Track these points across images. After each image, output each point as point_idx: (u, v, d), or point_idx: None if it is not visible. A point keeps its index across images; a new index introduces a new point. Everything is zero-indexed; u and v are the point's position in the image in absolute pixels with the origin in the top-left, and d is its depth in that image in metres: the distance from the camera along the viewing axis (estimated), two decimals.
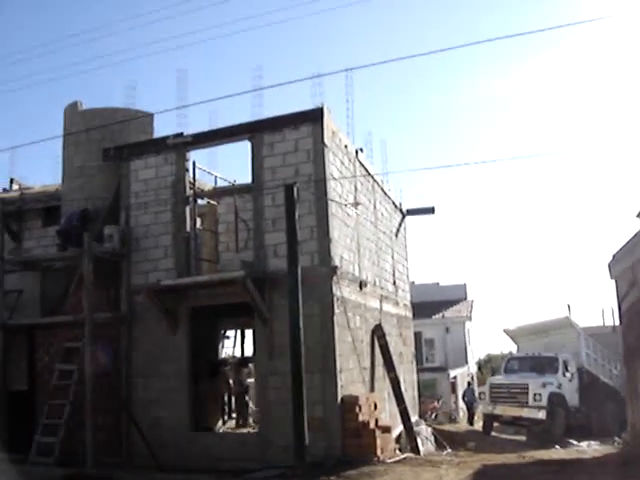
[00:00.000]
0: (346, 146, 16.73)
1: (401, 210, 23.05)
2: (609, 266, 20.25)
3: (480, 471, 14.01)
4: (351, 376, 15.40)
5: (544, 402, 25.19)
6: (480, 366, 49.93)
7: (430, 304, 39.12)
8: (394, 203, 22.11)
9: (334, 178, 15.40)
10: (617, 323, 21.03)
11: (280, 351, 14.44)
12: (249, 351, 24.30)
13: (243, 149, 16.00)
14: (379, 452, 14.53)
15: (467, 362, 40.45)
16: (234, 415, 21.57)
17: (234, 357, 23.83)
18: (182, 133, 16.44)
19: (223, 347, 23.47)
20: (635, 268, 17.04)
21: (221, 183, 18.88)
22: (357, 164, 17.58)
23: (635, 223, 16.49)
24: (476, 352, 47.00)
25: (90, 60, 50.17)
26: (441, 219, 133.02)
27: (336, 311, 14.66)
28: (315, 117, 15.20)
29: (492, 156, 72.85)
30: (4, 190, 21.97)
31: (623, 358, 21.30)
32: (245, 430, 18.58)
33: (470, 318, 41.64)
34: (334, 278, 14.71)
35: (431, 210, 23.43)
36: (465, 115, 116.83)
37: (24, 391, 17.19)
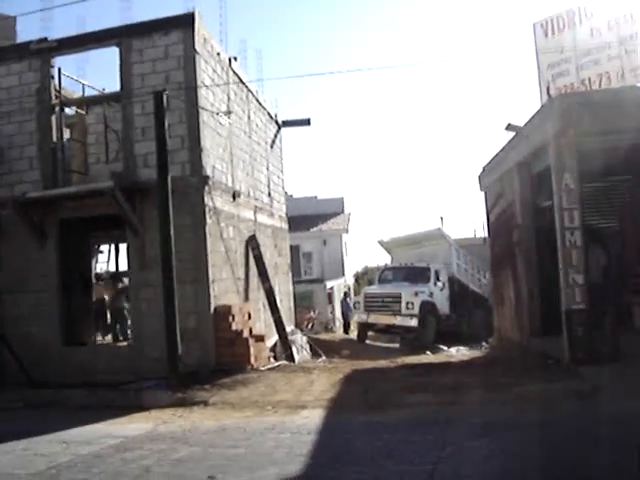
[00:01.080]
0: (219, 54, 16.35)
1: (277, 121, 22.85)
2: (479, 178, 20.83)
3: (349, 375, 14.41)
4: (225, 286, 15.43)
5: (416, 310, 26.03)
6: (357, 278, 50.89)
7: (308, 217, 39.48)
8: (269, 114, 21.88)
9: (205, 86, 15.07)
10: (487, 235, 21.72)
11: (152, 262, 14.28)
12: (125, 265, 24.07)
13: (112, 56, 15.43)
14: (253, 360, 14.75)
15: (344, 274, 41.17)
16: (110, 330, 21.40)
17: (108, 272, 23.50)
18: (46, 38, 15.64)
19: (97, 262, 23.08)
20: (503, 180, 17.57)
21: (90, 92, 18.19)
22: (230, 73, 17.24)
23: (504, 136, 16.92)
24: (353, 264, 47.86)
25: None
26: (318, 131, 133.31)
27: (208, 221, 14.55)
28: (186, 23, 14.74)
29: (369, 64, 72.66)
30: None
31: (490, 267, 22.15)
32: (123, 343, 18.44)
33: (347, 231, 42.20)
34: (206, 188, 14.55)
35: (307, 122, 23.34)
36: (344, 19, 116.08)
37: None
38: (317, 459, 7.96)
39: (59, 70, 16.00)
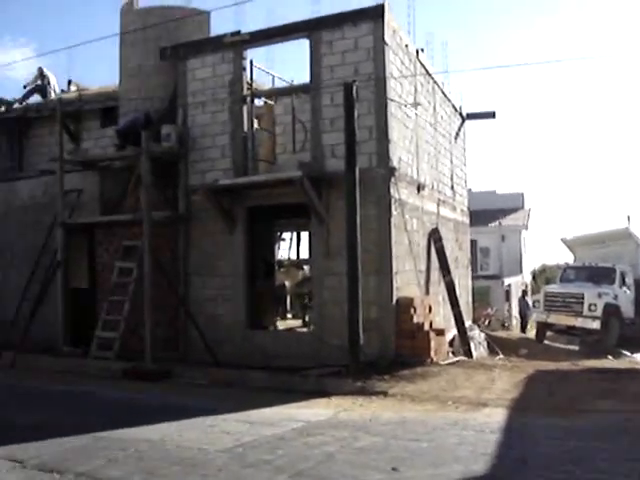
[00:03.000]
0: (407, 45, 16.29)
1: (461, 114, 22.55)
2: None
3: (532, 375, 14.00)
4: (407, 278, 15.39)
5: (599, 312, 24.95)
6: (534, 276, 49.65)
7: (486, 212, 38.80)
8: (454, 106, 21.62)
9: (394, 77, 15.05)
10: None
11: (336, 252, 14.45)
12: (304, 254, 24.60)
13: (300, 48, 15.71)
14: (432, 354, 14.62)
15: (521, 271, 40.27)
16: (289, 315, 21.97)
17: (289, 259, 24.09)
18: (239, 31, 16.10)
19: (279, 248, 23.68)
20: None
21: (278, 83, 18.65)
22: (417, 64, 17.14)
23: None
24: (531, 262, 46.78)
25: None
26: (500, 124, 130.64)
27: (393, 213, 14.54)
28: (376, 14, 14.72)
29: (556, 56, 70.32)
30: (62, 91, 22.04)
31: None
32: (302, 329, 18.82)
33: (526, 227, 41.24)
34: (392, 180, 14.52)
35: (492, 115, 22.90)
36: (531, 15, 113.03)
37: (85, 289, 17.63)
38: (502, 460, 7.74)
39: (251, 62, 16.48)
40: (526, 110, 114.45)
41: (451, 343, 17.61)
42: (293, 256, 24.80)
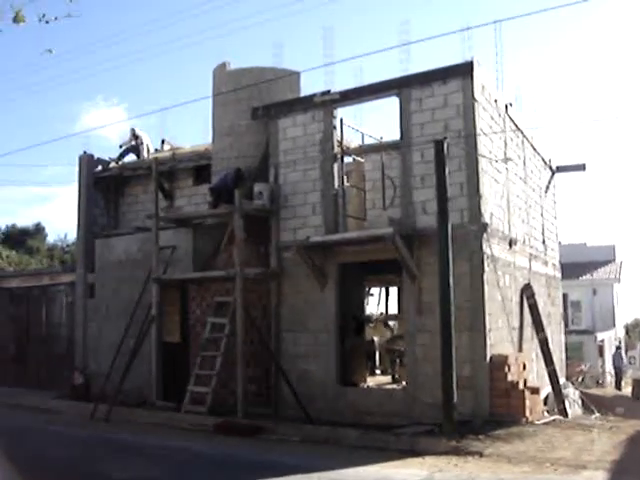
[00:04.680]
0: (496, 100, 16.30)
1: (550, 167, 22.33)
2: None
3: (634, 436, 13.53)
4: (500, 335, 15.17)
5: None
6: (628, 330, 48.28)
7: (577, 265, 38.05)
8: (543, 159, 21.43)
9: (484, 133, 15.06)
10: None
11: (428, 308, 14.39)
12: (392, 309, 24.51)
13: (388, 106, 15.89)
14: (527, 413, 14.29)
15: (614, 325, 39.22)
16: (378, 372, 21.82)
17: (381, 314, 24.01)
18: (329, 90, 16.44)
19: (367, 304, 23.65)
20: None
21: (367, 140, 18.84)
22: (507, 119, 17.11)
23: None
24: (624, 316, 45.48)
25: (236, 20, 50.92)
26: (589, 177, 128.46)
27: (486, 269, 14.41)
28: (465, 71, 14.82)
29: None
30: (156, 151, 22.76)
31: None
32: (393, 386, 18.66)
33: (619, 280, 40.27)
34: (484, 235, 14.45)
35: (582, 167, 22.61)
36: (618, 64, 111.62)
37: (177, 344, 17.92)
38: None
39: (341, 120, 16.73)
40: (617, 161, 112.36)
41: (545, 401, 17.22)
42: (381, 312, 24.70)
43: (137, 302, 17.96)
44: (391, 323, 24.77)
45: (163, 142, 23.62)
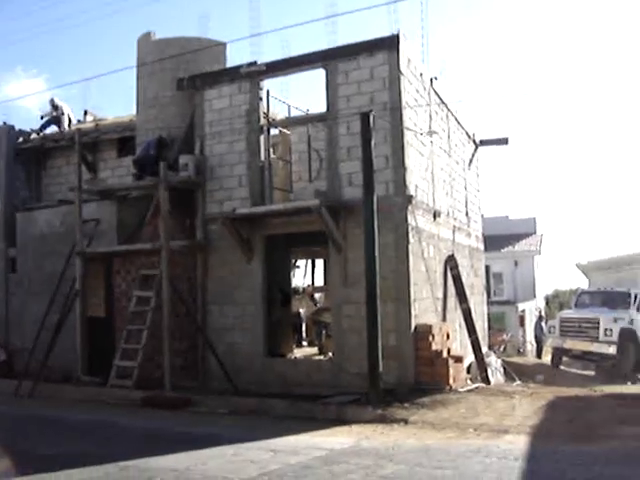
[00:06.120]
0: (421, 74, 16.45)
1: (474, 140, 22.69)
2: None
3: (553, 402, 13.95)
4: (424, 306, 15.44)
5: (615, 337, 24.85)
6: (548, 301, 49.53)
7: (499, 237, 38.75)
8: (467, 133, 21.76)
9: (409, 106, 15.19)
10: None
11: (354, 280, 14.53)
12: (318, 281, 24.69)
13: (315, 78, 15.88)
14: (451, 381, 14.62)
15: (535, 296, 40.17)
16: (305, 343, 21.99)
17: (308, 286, 24.16)
18: (256, 62, 16.32)
19: (294, 276, 23.76)
20: None
21: (293, 112, 18.82)
22: (432, 92, 17.29)
23: None
24: (544, 287, 46.62)
25: None
26: (511, 150, 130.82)
27: (411, 240, 14.60)
28: (391, 44, 14.89)
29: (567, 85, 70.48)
30: (78, 122, 22.30)
31: None
32: (319, 357, 18.82)
33: (539, 252, 41.19)
34: (409, 207, 14.62)
35: (505, 141, 23.02)
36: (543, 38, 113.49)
37: (102, 317, 17.70)
38: None
39: (267, 92, 16.67)
40: (539, 135, 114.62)
41: (468, 370, 17.62)
42: (308, 284, 24.86)
43: (61, 276, 17.65)
44: (317, 295, 24.99)
45: (86, 113, 23.16)
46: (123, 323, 16.43)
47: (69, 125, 21.44)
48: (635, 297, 26.65)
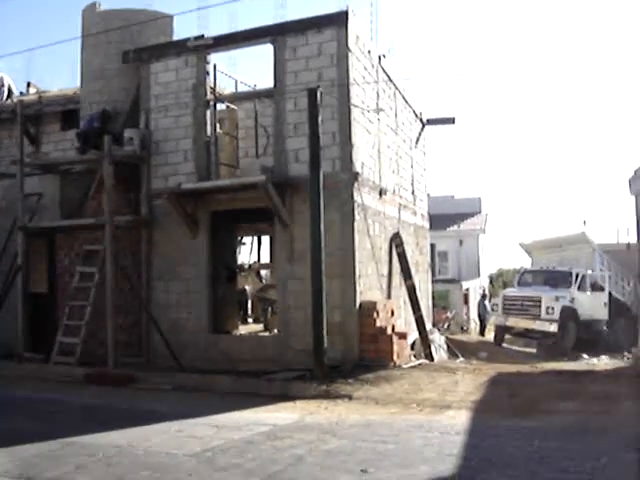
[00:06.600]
0: (369, 51, 16.45)
1: (421, 119, 22.79)
2: (630, 181, 20.03)
3: (494, 378, 14.21)
4: (369, 282, 15.53)
5: (556, 315, 25.44)
6: (492, 280, 50.21)
7: (444, 217, 39.09)
8: (415, 112, 21.84)
9: (357, 83, 15.18)
10: (634, 240, 20.91)
11: (300, 256, 14.55)
12: (264, 258, 24.66)
13: (263, 53, 15.76)
14: (395, 357, 14.78)
15: (479, 275, 40.70)
16: (250, 320, 22.00)
17: (254, 263, 24.12)
18: (203, 35, 16.18)
19: (240, 253, 23.70)
20: None
21: (241, 88, 18.68)
22: (380, 70, 17.30)
23: None
24: (488, 266, 47.24)
25: None
26: (457, 130, 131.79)
27: (356, 217, 14.66)
28: (339, 21, 14.86)
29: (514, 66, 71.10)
30: (21, 94, 21.78)
31: (638, 275, 21.34)
32: (265, 334, 18.85)
33: (484, 231, 41.70)
34: (355, 184, 14.66)
35: (451, 120, 23.20)
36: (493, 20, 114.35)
37: (44, 293, 17.46)
38: (467, 460, 7.85)
39: (214, 66, 16.50)
40: (485, 115, 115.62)
41: (412, 346, 17.82)
42: (254, 261, 24.80)
43: (2, 252, 17.40)
44: (263, 272, 24.98)
45: (29, 85, 22.61)
46: (66, 299, 16.21)
47: (9, 97, 20.92)
48: (576, 276, 27.24)
